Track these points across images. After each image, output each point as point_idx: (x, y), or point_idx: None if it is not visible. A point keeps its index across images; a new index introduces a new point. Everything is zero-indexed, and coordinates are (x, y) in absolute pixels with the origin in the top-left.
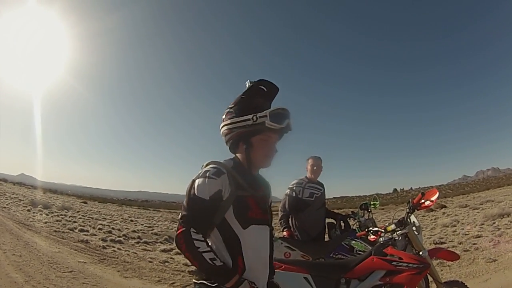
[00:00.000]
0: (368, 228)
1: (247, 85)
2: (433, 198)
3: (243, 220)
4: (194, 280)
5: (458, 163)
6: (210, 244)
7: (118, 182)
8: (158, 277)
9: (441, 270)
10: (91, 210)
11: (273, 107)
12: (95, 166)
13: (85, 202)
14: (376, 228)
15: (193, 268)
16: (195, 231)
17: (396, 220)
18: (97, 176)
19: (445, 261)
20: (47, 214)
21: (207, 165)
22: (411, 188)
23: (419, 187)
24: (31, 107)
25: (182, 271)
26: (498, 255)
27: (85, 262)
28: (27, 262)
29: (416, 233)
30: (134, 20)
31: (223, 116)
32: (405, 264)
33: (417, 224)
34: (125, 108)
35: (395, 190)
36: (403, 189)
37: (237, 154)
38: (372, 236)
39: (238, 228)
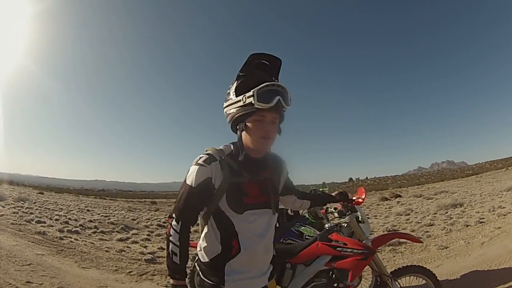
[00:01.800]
0: (317, 214)
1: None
2: (363, 196)
3: (237, 207)
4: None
5: (414, 155)
6: (204, 232)
7: (74, 172)
8: (115, 266)
9: (394, 256)
10: (47, 200)
11: (261, 85)
12: (51, 155)
13: (41, 193)
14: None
15: (149, 256)
16: (174, 217)
17: (338, 210)
18: (53, 166)
19: (397, 247)
20: (3, 206)
21: (206, 150)
22: (367, 178)
23: (374, 177)
24: None
25: (139, 260)
26: (450, 243)
27: (43, 254)
28: None
29: (362, 222)
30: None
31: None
32: (349, 250)
33: (359, 214)
34: (79, 95)
35: (350, 179)
36: (359, 178)
37: (238, 138)
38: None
39: (232, 213)
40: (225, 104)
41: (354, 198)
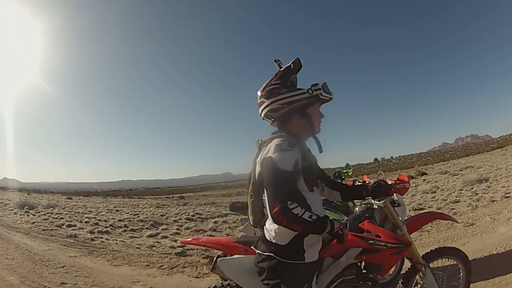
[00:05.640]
0: None
1: (275, 63)
2: (407, 185)
3: (309, 185)
4: (258, 251)
5: (438, 131)
6: None
7: (101, 174)
8: (147, 261)
9: (420, 236)
10: (76, 205)
11: (321, 82)
12: (76, 161)
13: (70, 198)
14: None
15: (179, 249)
16: (290, 202)
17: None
18: (79, 171)
19: (423, 227)
20: (33, 215)
21: (272, 139)
22: (392, 157)
23: (399, 156)
24: (1, 110)
25: (169, 254)
26: (475, 219)
27: (75, 256)
28: (20, 263)
29: (398, 205)
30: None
31: (265, 93)
32: (383, 243)
33: (395, 198)
34: (96, 98)
35: (376, 159)
36: (384, 158)
37: (289, 128)
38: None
39: (306, 192)
40: (280, 97)
41: (396, 185)
